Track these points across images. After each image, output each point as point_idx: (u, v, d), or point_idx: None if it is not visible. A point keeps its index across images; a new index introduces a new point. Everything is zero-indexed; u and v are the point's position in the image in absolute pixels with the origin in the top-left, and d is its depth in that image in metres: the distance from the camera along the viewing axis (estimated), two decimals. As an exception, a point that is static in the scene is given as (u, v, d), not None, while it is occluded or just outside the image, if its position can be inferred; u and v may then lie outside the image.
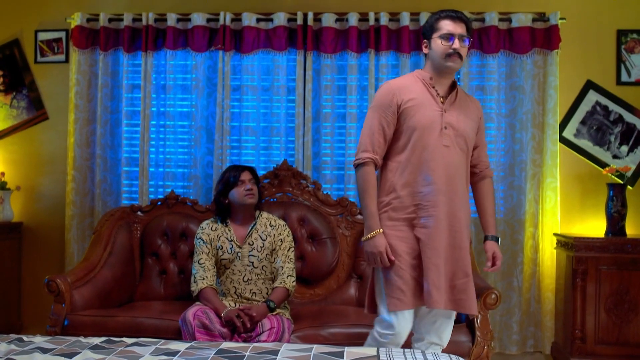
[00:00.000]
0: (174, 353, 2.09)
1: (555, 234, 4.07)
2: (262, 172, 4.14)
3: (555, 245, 4.08)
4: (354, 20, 4.15)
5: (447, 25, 2.54)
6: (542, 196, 4.12)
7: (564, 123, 4.20)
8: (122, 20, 4.27)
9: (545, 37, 4.12)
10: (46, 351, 2.08)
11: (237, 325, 2.98)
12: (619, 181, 4.01)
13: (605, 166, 4.10)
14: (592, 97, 4.20)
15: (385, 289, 2.53)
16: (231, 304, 3.21)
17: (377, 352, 2.11)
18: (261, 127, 4.26)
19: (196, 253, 3.30)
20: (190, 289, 3.25)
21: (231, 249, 3.30)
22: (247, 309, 3.04)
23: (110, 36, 4.29)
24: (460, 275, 2.55)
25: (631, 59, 4.19)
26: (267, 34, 4.21)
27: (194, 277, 3.22)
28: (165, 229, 3.85)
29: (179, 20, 4.25)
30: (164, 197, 4.00)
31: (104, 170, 4.30)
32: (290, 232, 3.43)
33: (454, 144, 2.56)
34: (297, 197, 3.92)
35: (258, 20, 4.21)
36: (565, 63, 4.18)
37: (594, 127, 4.20)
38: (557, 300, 4.08)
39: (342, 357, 2.04)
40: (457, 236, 2.56)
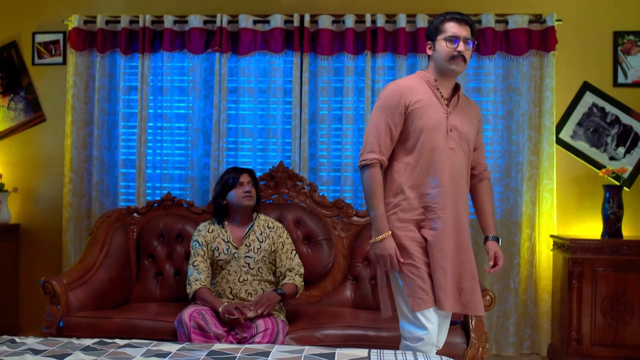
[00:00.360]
0: (165, 354, 2.09)
1: (551, 236, 4.07)
2: (258, 173, 4.13)
3: (552, 247, 4.08)
4: (350, 22, 4.15)
5: (452, 28, 2.52)
6: (538, 198, 4.12)
7: (561, 125, 4.20)
8: (119, 22, 4.28)
9: (541, 39, 4.12)
10: (37, 352, 2.08)
11: (235, 317, 3.00)
12: (615, 183, 4.00)
13: (601, 168, 4.09)
14: (589, 98, 4.19)
15: (406, 290, 2.46)
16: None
17: (369, 353, 2.12)
18: (258, 129, 4.26)
19: (192, 255, 3.34)
20: (186, 291, 3.28)
21: (227, 249, 3.32)
22: (248, 304, 3.10)
23: (107, 38, 4.30)
24: (468, 277, 2.54)
25: (628, 60, 4.18)
26: (264, 36, 4.22)
27: (189, 280, 3.26)
28: (162, 230, 3.85)
29: (175, 22, 4.26)
30: (160, 198, 4.01)
31: (101, 172, 4.31)
32: (288, 233, 3.48)
33: (458, 147, 2.55)
34: (293, 198, 3.93)
35: (255, 22, 4.22)
36: (562, 65, 4.18)
37: (591, 129, 4.20)
38: (553, 301, 4.07)
39: (332, 359, 2.04)
40: (463, 238, 2.56)
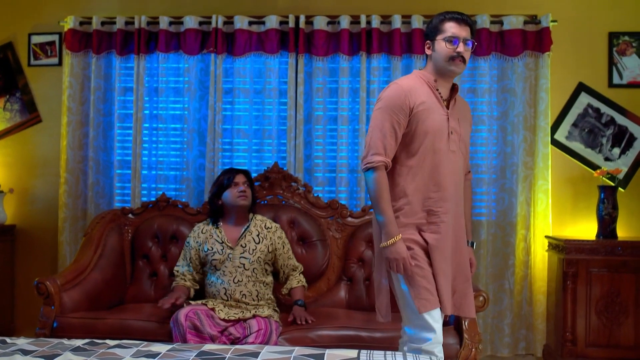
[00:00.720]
0: (155, 355, 2.09)
1: (546, 237, 4.07)
2: (253, 174, 4.13)
3: (547, 247, 4.07)
4: (345, 22, 4.15)
5: (451, 28, 2.47)
6: (533, 198, 4.11)
7: (556, 125, 4.20)
8: (114, 23, 4.28)
9: (536, 40, 4.12)
10: (27, 353, 2.09)
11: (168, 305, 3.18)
12: (610, 183, 4.00)
13: (597, 168, 4.09)
14: (584, 99, 4.19)
15: (412, 292, 2.42)
16: (221, 306, 3.22)
17: (358, 354, 2.12)
18: (253, 130, 4.26)
19: (182, 252, 3.50)
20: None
21: (222, 250, 3.35)
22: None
23: (103, 39, 4.30)
24: (461, 280, 2.54)
25: (623, 61, 4.18)
26: (259, 37, 4.22)
27: (175, 274, 3.47)
28: (156, 231, 3.86)
29: (171, 23, 4.26)
30: (155, 199, 4.01)
31: (97, 172, 4.31)
32: (285, 233, 3.55)
33: (458, 149, 2.53)
34: (287, 199, 3.93)
35: (250, 23, 4.22)
36: (557, 65, 4.17)
37: (586, 130, 4.20)
38: (548, 302, 4.07)
39: (322, 359, 2.04)
40: (460, 241, 2.55)
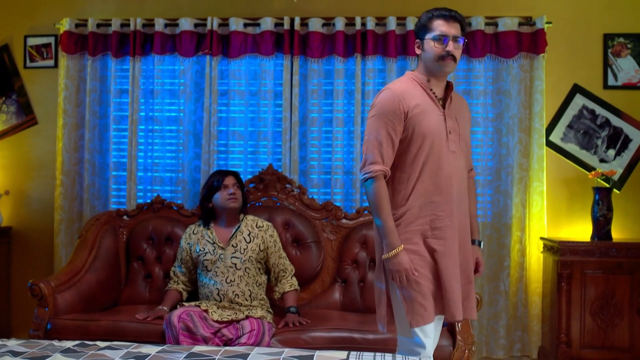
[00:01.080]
0: (145, 356, 2.09)
1: (541, 238, 4.07)
2: (249, 176, 4.15)
3: (542, 249, 4.07)
4: (340, 24, 4.15)
5: (440, 26, 2.39)
6: (528, 200, 4.11)
7: (551, 127, 4.20)
8: (110, 25, 4.28)
9: (531, 41, 4.12)
10: (17, 354, 2.09)
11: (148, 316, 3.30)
12: (605, 185, 4.00)
13: (592, 170, 4.09)
14: (579, 101, 4.19)
15: (406, 306, 2.36)
16: (214, 308, 3.23)
17: (347, 355, 2.12)
18: (248, 132, 4.26)
19: (177, 254, 3.58)
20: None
21: (214, 250, 3.37)
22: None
23: (98, 41, 4.31)
24: (465, 282, 2.48)
25: (618, 62, 4.18)
26: (255, 39, 4.23)
27: (170, 275, 3.57)
28: (151, 233, 3.86)
29: (166, 25, 4.26)
30: (150, 201, 4.01)
31: (93, 174, 4.31)
32: (277, 232, 3.57)
33: (458, 149, 2.46)
34: (282, 201, 3.93)
35: (245, 25, 4.22)
36: (552, 67, 4.18)
37: (581, 131, 4.20)
38: (543, 304, 4.07)
39: (311, 361, 2.05)
40: (464, 243, 2.50)
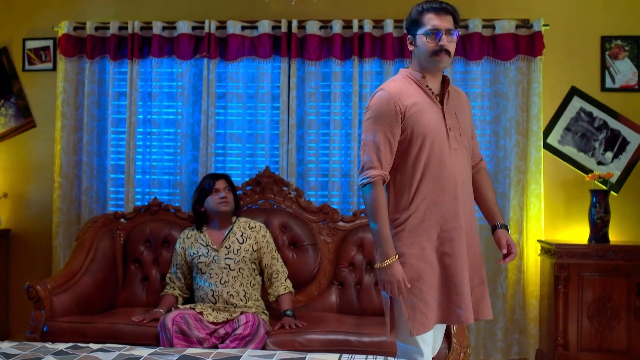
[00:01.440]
0: (137, 359, 2.10)
1: (539, 241, 4.06)
2: (246, 179, 4.16)
3: (539, 251, 4.07)
4: (337, 27, 4.16)
5: (431, 20, 2.29)
6: (526, 203, 4.11)
7: (548, 129, 4.20)
8: (108, 28, 4.29)
9: (528, 44, 4.12)
10: (9, 357, 2.09)
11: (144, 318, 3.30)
12: (602, 187, 4.00)
13: (589, 172, 4.08)
14: (577, 103, 4.19)
15: (407, 313, 2.29)
16: (209, 310, 3.24)
17: (339, 358, 2.12)
18: (246, 135, 4.27)
19: (172, 261, 3.59)
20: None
21: (207, 252, 3.42)
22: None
23: (96, 44, 4.32)
24: (477, 282, 2.41)
25: (615, 65, 4.18)
26: (252, 42, 4.23)
27: (166, 281, 3.59)
28: (148, 235, 3.87)
29: (164, 28, 4.28)
30: (147, 204, 4.02)
31: (91, 177, 4.32)
32: (270, 233, 3.59)
33: (460, 145, 2.37)
34: (279, 203, 3.93)
35: (243, 28, 4.23)
36: (549, 70, 4.17)
37: (579, 134, 4.19)
38: (541, 307, 4.06)
39: (302, 363, 2.05)
40: (473, 242, 2.42)
